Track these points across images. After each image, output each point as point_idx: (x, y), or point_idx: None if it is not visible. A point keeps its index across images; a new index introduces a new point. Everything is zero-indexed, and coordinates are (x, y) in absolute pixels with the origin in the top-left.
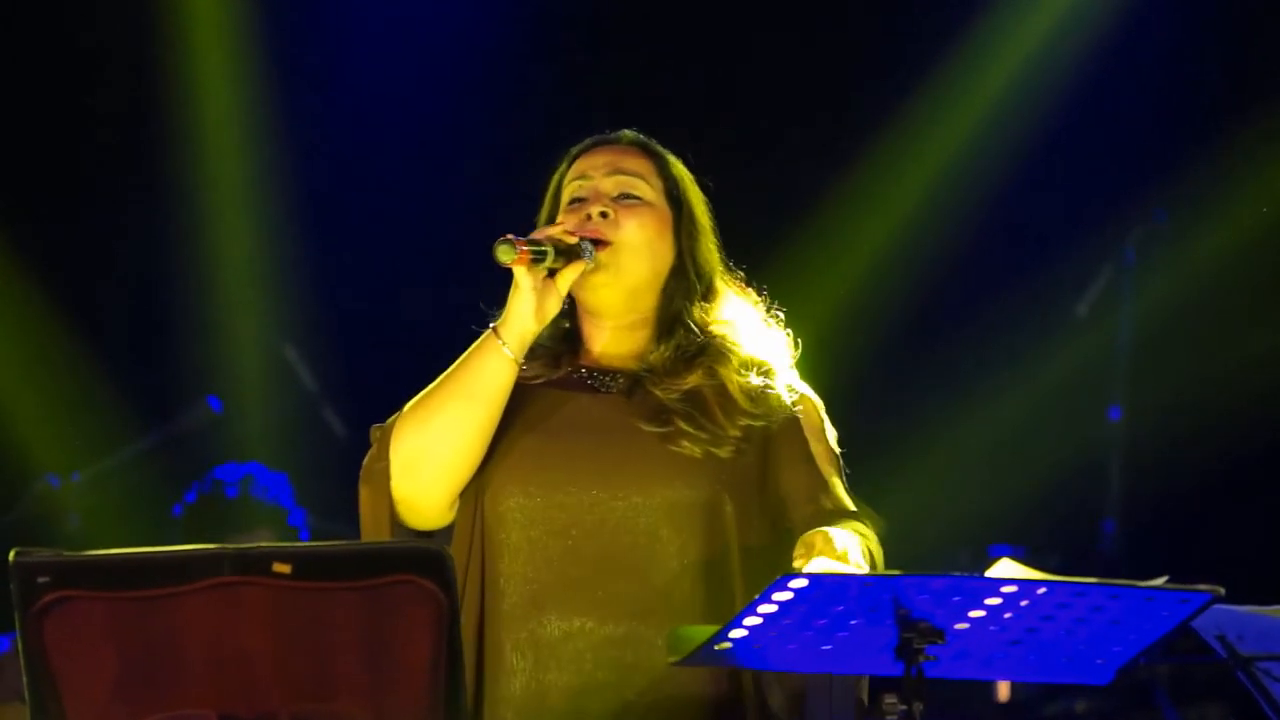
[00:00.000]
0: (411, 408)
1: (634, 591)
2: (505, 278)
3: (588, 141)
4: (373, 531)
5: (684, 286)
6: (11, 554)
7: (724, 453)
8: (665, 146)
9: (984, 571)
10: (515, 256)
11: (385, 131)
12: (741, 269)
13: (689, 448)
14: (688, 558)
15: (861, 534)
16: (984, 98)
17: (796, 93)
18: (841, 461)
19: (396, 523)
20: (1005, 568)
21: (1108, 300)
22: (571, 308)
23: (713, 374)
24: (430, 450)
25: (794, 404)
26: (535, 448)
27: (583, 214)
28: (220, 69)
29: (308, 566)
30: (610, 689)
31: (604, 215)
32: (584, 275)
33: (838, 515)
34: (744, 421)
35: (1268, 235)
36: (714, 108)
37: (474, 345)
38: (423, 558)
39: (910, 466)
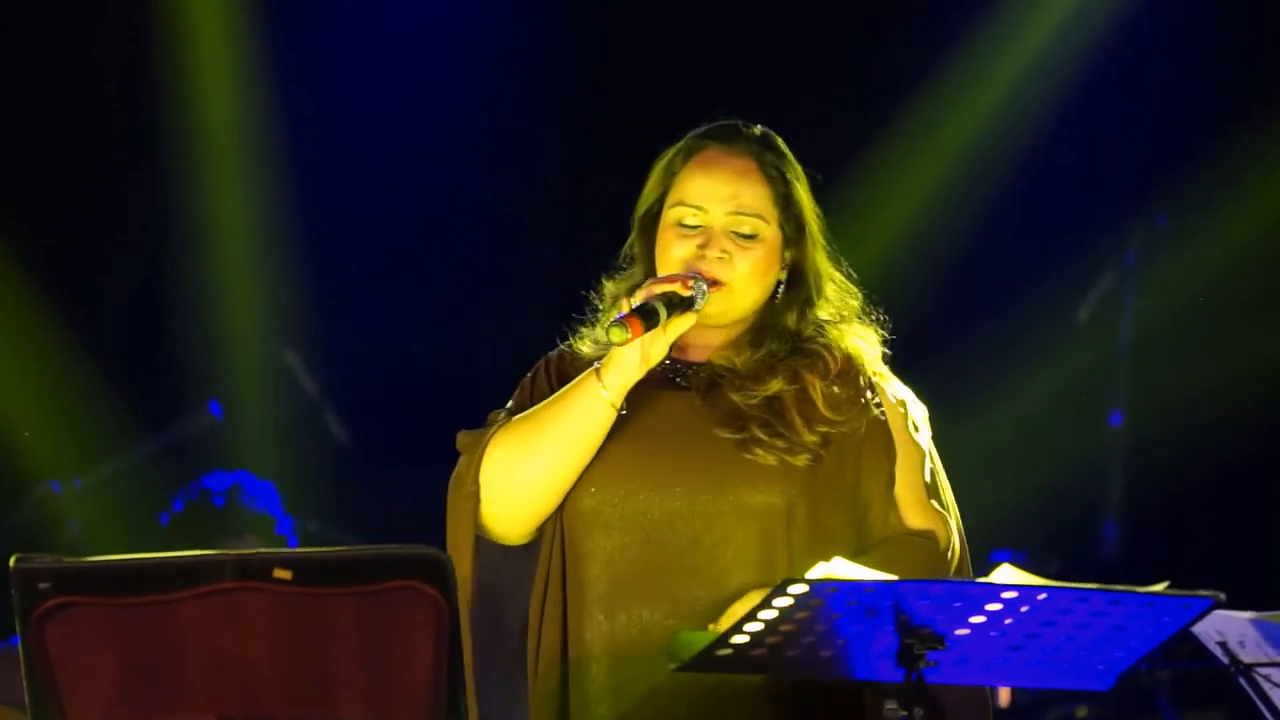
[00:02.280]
0: (507, 436)
1: (705, 594)
2: (504, 288)
3: (711, 147)
4: (454, 542)
5: (789, 298)
6: (13, 560)
7: (800, 461)
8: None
9: (985, 577)
10: (628, 336)
11: (388, 135)
12: None
13: (763, 455)
14: (757, 563)
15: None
16: (985, 102)
17: (797, 93)
18: (930, 465)
19: (480, 535)
20: (1006, 573)
21: (1109, 305)
22: None
23: (797, 378)
24: (521, 487)
25: (883, 410)
26: (616, 450)
27: (696, 251)
28: (222, 72)
29: (308, 572)
30: (683, 686)
31: (719, 257)
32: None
33: (895, 541)
34: (823, 429)
35: (1268, 240)
36: (713, 108)
37: (574, 385)
38: (424, 563)
39: None
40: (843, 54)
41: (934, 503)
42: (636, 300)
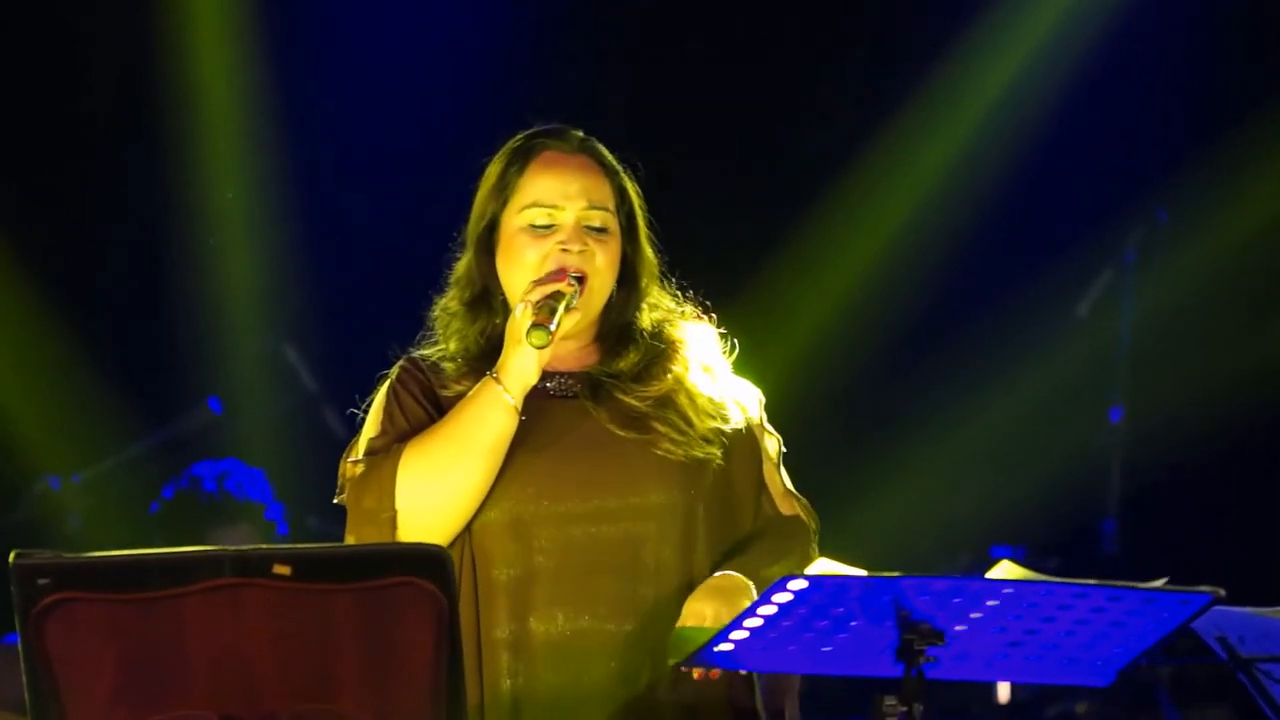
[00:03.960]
0: (419, 454)
1: (621, 592)
2: None
3: (549, 147)
4: None
5: (630, 294)
6: (12, 556)
7: (701, 454)
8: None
9: (984, 573)
10: (549, 338)
11: (388, 132)
12: (747, 268)
13: (670, 451)
14: (669, 559)
15: (775, 559)
16: (985, 98)
17: (803, 92)
18: (781, 449)
19: None
20: (1005, 569)
21: (1109, 301)
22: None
23: (679, 381)
24: (441, 503)
25: (747, 404)
26: (522, 461)
27: (556, 250)
28: (222, 70)
29: (308, 568)
30: (600, 688)
31: (582, 251)
32: None
33: (775, 524)
34: (712, 425)
35: (1268, 236)
36: (718, 109)
37: (476, 395)
38: (422, 559)
39: (911, 467)
40: (843, 51)
41: (792, 488)
42: (534, 299)
